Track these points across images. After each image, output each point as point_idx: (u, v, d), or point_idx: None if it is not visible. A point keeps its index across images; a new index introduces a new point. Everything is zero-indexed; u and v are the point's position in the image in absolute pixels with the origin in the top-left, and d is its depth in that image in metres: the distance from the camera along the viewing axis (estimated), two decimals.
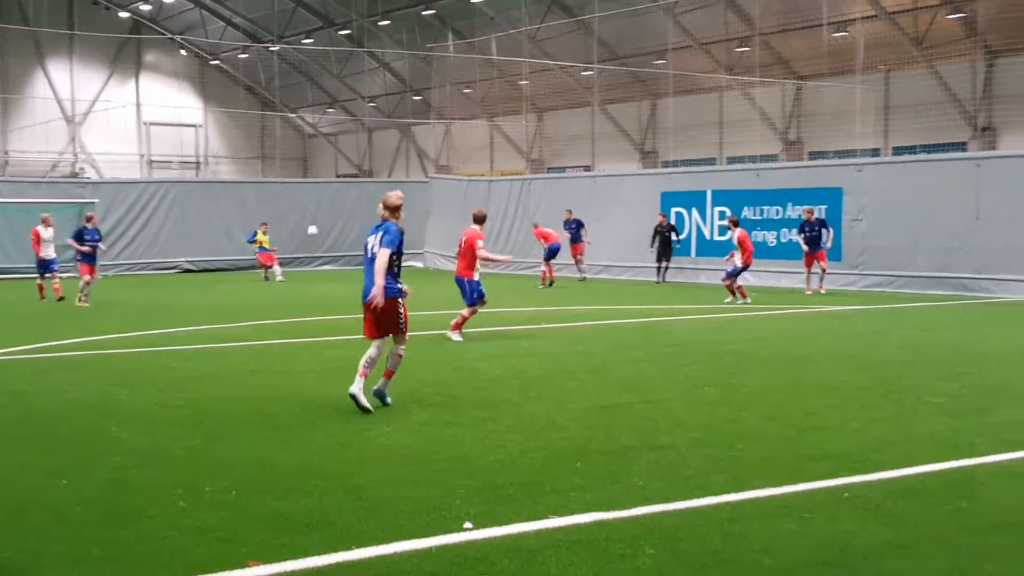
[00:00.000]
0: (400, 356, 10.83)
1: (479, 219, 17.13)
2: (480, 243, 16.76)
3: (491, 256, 17.10)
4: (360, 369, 10.50)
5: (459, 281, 16.89)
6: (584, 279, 32.72)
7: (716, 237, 31.99)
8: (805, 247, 26.87)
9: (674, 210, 32.88)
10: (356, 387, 10.39)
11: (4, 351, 15.54)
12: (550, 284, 30.23)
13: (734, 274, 24.24)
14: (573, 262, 33.05)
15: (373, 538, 6.38)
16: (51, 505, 7.27)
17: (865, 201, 28.42)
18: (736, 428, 9.89)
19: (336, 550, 6.18)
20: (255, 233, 35.47)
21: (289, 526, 6.75)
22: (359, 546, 6.25)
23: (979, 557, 6.08)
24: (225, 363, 14.61)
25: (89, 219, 25.39)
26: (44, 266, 25.80)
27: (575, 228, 33.03)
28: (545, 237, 31.77)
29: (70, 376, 13.33)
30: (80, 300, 23.57)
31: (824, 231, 26.78)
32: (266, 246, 35.04)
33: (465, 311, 16.57)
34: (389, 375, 10.84)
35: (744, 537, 6.47)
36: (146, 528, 6.74)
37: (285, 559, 6.01)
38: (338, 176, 79.30)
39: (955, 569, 5.87)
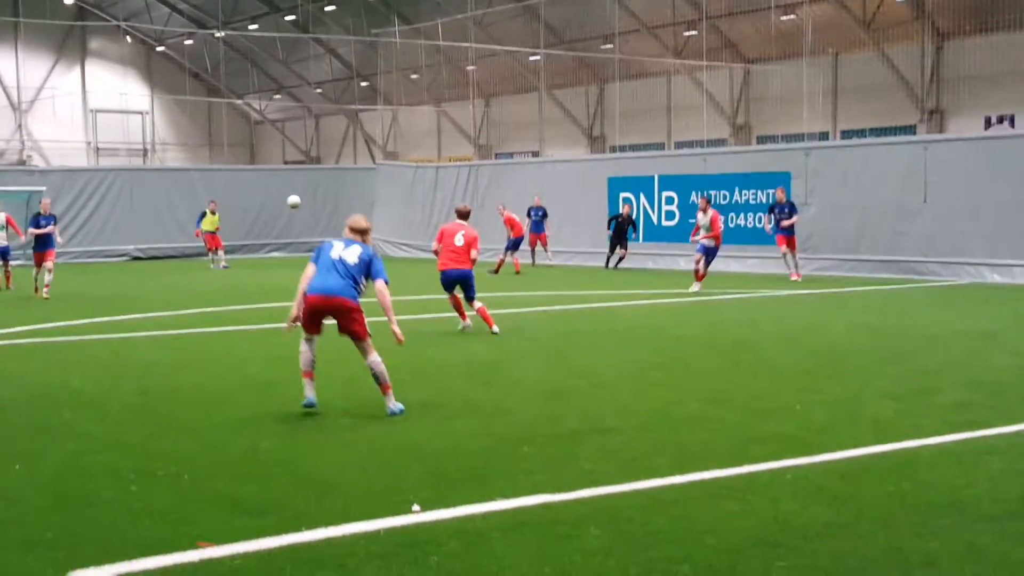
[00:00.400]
0: (380, 362, 9.94)
1: (466, 215, 16.73)
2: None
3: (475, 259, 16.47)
4: (305, 371, 10.05)
5: (467, 275, 16.05)
6: (550, 264, 32.67)
7: (664, 223, 32.19)
8: (771, 228, 26.50)
9: (622, 195, 33.02)
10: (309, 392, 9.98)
11: None
12: (516, 273, 29.73)
13: (711, 257, 23.71)
14: (530, 249, 32.87)
15: (322, 521, 6.44)
16: (4, 490, 7.32)
17: (813, 185, 28.69)
18: (681, 411, 10.02)
19: (286, 532, 6.23)
20: (203, 214, 34.79)
21: (239, 509, 6.81)
22: (308, 528, 6.31)
23: (918, 536, 6.22)
24: (175, 351, 14.62)
25: (44, 206, 24.78)
26: None
27: (541, 216, 32.84)
28: (512, 225, 30.93)
29: (22, 364, 13.30)
30: (41, 292, 22.73)
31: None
32: (211, 228, 34.37)
33: (477, 304, 16.11)
34: (387, 389, 9.90)
35: (688, 518, 6.59)
36: (99, 511, 6.81)
37: (235, 541, 6.06)
38: (285, 163, 78.90)
39: (894, 548, 6.01)
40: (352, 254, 10.08)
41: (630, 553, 5.92)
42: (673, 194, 31.84)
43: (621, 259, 31.57)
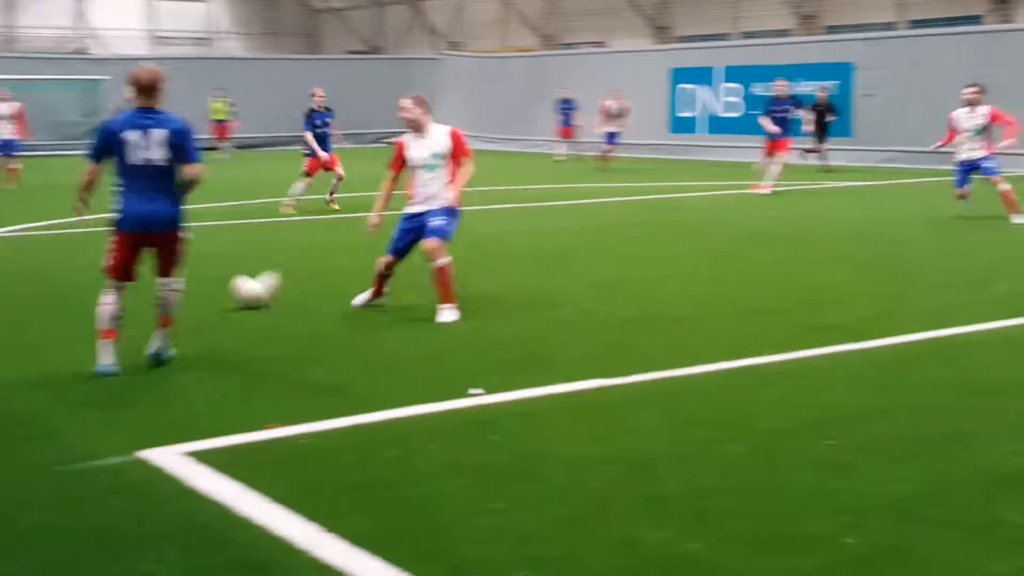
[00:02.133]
0: (178, 293, 7.89)
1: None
2: None
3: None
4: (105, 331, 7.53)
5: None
6: (563, 158, 31.44)
7: (726, 114, 31.90)
8: (774, 129, 21.73)
9: (680, 86, 32.69)
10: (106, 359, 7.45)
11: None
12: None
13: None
14: (559, 141, 31.81)
15: (385, 403, 6.70)
16: (82, 375, 7.52)
17: (877, 76, 28.26)
18: (735, 300, 10.18)
19: (349, 414, 6.49)
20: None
21: (305, 392, 7.12)
22: (372, 411, 6.57)
23: (960, 419, 6.38)
24: (244, 240, 14.98)
25: (318, 100, 20.14)
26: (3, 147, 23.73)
27: (568, 109, 31.64)
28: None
29: (80, 253, 13.66)
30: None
31: (798, 112, 22.86)
32: (222, 117, 33.25)
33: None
34: (167, 323, 7.77)
35: (737, 402, 6.80)
36: (169, 395, 7.11)
37: (301, 422, 6.33)
38: (349, 53, 78.57)
39: (934, 429, 6.18)
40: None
41: (681, 434, 6.15)
42: (737, 86, 31.51)
43: (818, 153, 27.14)
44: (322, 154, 18.16)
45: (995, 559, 4.45)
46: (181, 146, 7.50)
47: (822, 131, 27.00)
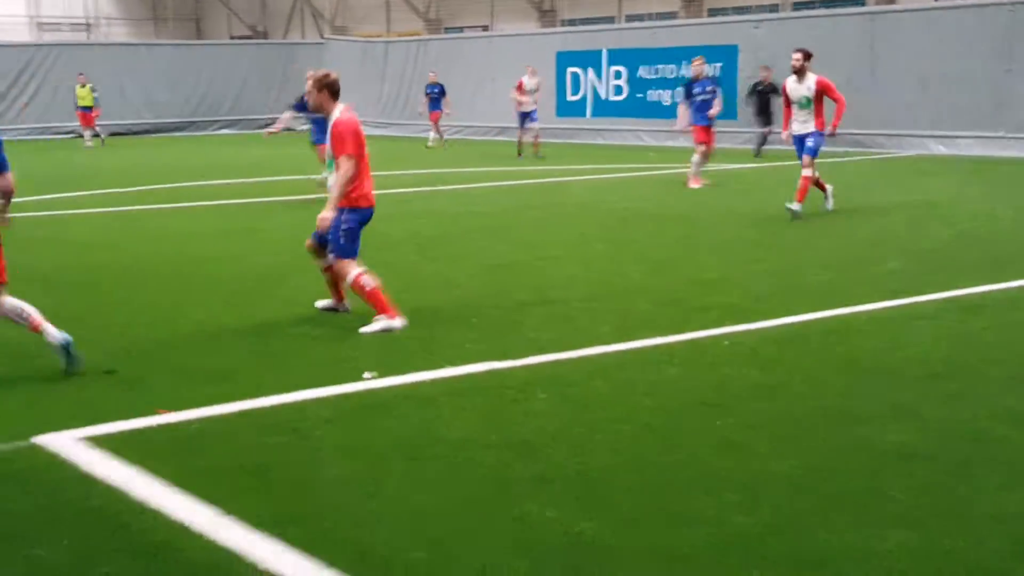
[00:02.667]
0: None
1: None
2: None
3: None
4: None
5: None
6: (441, 143, 30.92)
7: (612, 97, 32.17)
8: (685, 117, 19.93)
9: (570, 70, 32.88)
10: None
11: None
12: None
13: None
14: (432, 126, 31.33)
15: (276, 388, 6.67)
16: None
17: (762, 58, 28.70)
18: (625, 283, 10.29)
19: (241, 399, 6.47)
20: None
21: (197, 379, 7.05)
22: (263, 395, 6.53)
23: (844, 396, 6.55)
24: (127, 228, 14.77)
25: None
26: None
27: (437, 93, 31.16)
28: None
29: None
30: None
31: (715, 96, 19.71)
32: (88, 104, 32.62)
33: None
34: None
35: (629, 382, 6.88)
36: (59, 382, 7.00)
37: (192, 407, 6.29)
38: (232, 38, 77.33)
39: (821, 407, 6.33)
40: None
41: (573, 414, 6.20)
42: (622, 69, 31.78)
43: (765, 140, 25.87)
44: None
45: (880, 532, 4.57)
46: None
47: (767, 114, 26.19)
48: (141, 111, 38.76)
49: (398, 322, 8.29)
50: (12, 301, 7.23)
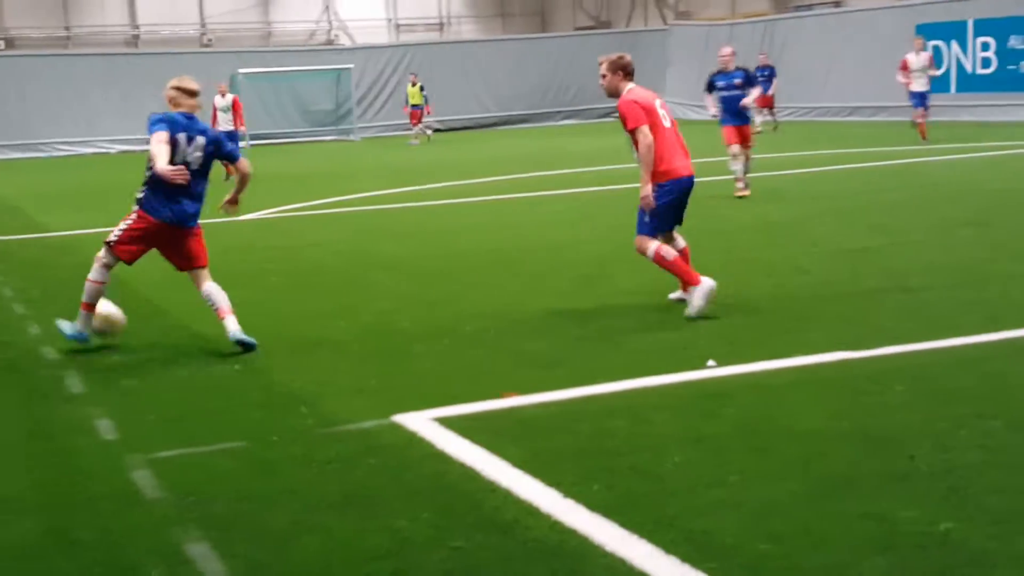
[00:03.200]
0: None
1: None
2: None
3: None
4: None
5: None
6: (772, 127, 30.19)
7: (979, 71, 30.25)
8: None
9: (931, 43, 31.19)
10: None
11: (269, 211, 16.38)
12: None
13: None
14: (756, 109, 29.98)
15: (613, 374, 6.60)
16: (333, 343, 7.94)
17: None
18: (992, 269, 9.56)
19: (577, 385, 6.44)
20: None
21: (535, 363, 7.09)
22: (600, 382, 6.47)
23: None
24: (472, 217, 15.26)
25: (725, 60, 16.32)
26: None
27: (767, 76, 29.66)
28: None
29: (337, 232, 14.29)
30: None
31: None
32: (417, 102, 33.48)
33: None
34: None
35: (1000, 375, 6.34)
36: (413, 363, 7.29)
37: (533, 392, 6.33)
38: (576, 29, 78.58)
39: None
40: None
41: (936, 408, 5.75)
42: (990, 40, 29.81)
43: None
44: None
45: None
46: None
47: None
48: (488, 105, 40.16)
49: (706, 284, 8.04)
50: (211, 286, 7.71)
